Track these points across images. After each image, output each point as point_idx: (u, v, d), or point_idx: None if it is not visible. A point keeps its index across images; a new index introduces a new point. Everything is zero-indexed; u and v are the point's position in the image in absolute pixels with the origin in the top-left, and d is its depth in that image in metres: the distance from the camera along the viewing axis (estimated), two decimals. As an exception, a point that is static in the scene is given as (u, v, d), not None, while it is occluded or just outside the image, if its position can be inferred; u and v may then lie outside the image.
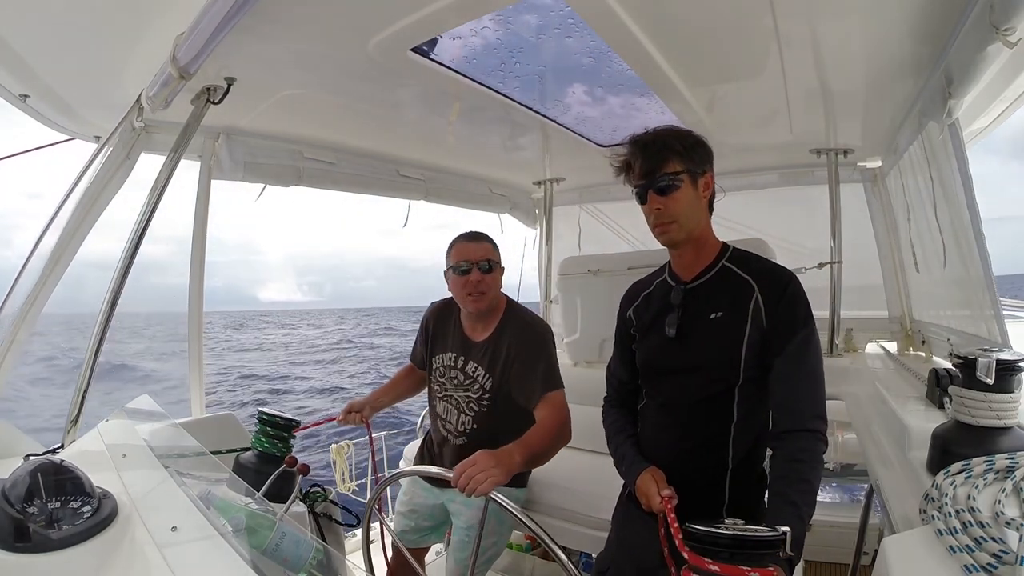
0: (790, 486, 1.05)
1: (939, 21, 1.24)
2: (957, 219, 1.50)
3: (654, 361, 1.32)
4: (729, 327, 1.19)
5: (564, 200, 3.33)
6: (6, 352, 1.57)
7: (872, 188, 2.56)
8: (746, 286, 1.20)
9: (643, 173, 1.21)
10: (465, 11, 1.26)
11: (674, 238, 1.23)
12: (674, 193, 1.19)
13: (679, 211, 1.20)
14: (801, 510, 1.02)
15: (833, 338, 2.38)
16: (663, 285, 1.35)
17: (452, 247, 1.76)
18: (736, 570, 0.75)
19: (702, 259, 1.28)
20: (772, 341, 1.15)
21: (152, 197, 1.61)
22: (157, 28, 1.28)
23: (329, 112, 1.99)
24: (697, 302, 1.26)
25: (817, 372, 1.15)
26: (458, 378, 1.78)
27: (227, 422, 1.90)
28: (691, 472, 1.21)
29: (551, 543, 1.08)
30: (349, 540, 2.32)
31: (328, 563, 1.06)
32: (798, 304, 1.16)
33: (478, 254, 1.70)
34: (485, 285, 1.70)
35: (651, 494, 1.17)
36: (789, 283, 1.18)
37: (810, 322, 1.16)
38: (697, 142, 1.23)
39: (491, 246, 1.76)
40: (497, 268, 1.75)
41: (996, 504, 0.74)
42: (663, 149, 1.20)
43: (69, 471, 0.89)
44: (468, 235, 1.77)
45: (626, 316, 1.42)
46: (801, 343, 1.14)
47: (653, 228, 1.25)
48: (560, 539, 1.73)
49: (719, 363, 1.20)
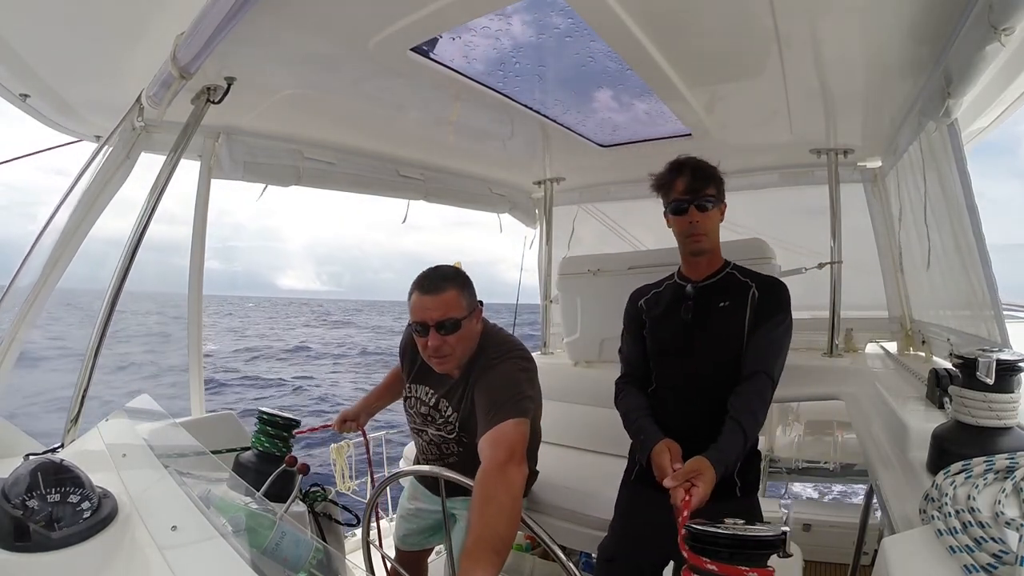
0: (739, 414, 1.33)
1: (938, 21, 1.24)
2: (957, 219, 1.50)
3: (667, 343, 1.55)
4: (733, 313, 1.47)
5: (564, 200, 3.33)
6: (6, 351, 1.57)
7: (872, 188, 2.56)
8: (746, 285, 1.50)
9: (688, 190, 1.47)
10: (465, 11, 1.26)
11: (703, 247, 1.51)
12: (709, 212, 1.48)
13: (710, 227, 1.50)
14: (745, 431, 1.30)
15: (833, 338, 2.38)
16: (673, 285, 1.61)
17: (409, 296, 1.47)
18: (734, 570, 0.75)
19: (712, 266, 1.56)
20: (756, 320, 1.45)
21: (152, 197, 1.61)
22: (157, 28, 1.28)
23: (329, 112, 1.99)
24: (707, 295, 1.52)
25: (781, 345, 1.43)
26: (431, 416, 1.62)
27: (227, 422, 1.90)
28: (702, 441, 1.31)
29: (551, 543, 1.08)
30: (349, 540, 2.32)
31: (328, 563, 1.07)
32: (781, 299, 1.47)
33: (436, 312, 1.40)
34: (448, 347, 1.43)
35: (664, 465, 1.29)
36: (779, 285, 1.50)
37: (786, 314, 1.46)
38: (721, 176, 1.53)
39: (455, 294, 1.43)
40: (466, 323, 1.45)
41: (996, 504, 0.74)
42: (707, 175, 1.49)
43: (69, 470, 0.89)
44: (424, 284, 1.44)
45: (637, 306, 1.65)
46: (775, 324, 1.43)
47: (686, 237, 1.51)
48: (560, 539, 1.73)
49: (726, 340, 1.46)
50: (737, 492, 1.47)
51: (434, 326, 1.41)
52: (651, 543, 1.45)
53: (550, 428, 2.53)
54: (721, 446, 1.28)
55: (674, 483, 1.19)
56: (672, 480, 1.20)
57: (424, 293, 1.43)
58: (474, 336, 1.51)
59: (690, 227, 1.48)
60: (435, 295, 1.42)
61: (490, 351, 1.52)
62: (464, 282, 1.49)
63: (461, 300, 1.45)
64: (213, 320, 52.56)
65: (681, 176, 1.48)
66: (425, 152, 2.58)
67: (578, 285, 2.75)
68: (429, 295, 1.42)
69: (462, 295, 1.45)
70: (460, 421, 1.56)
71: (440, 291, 1.42)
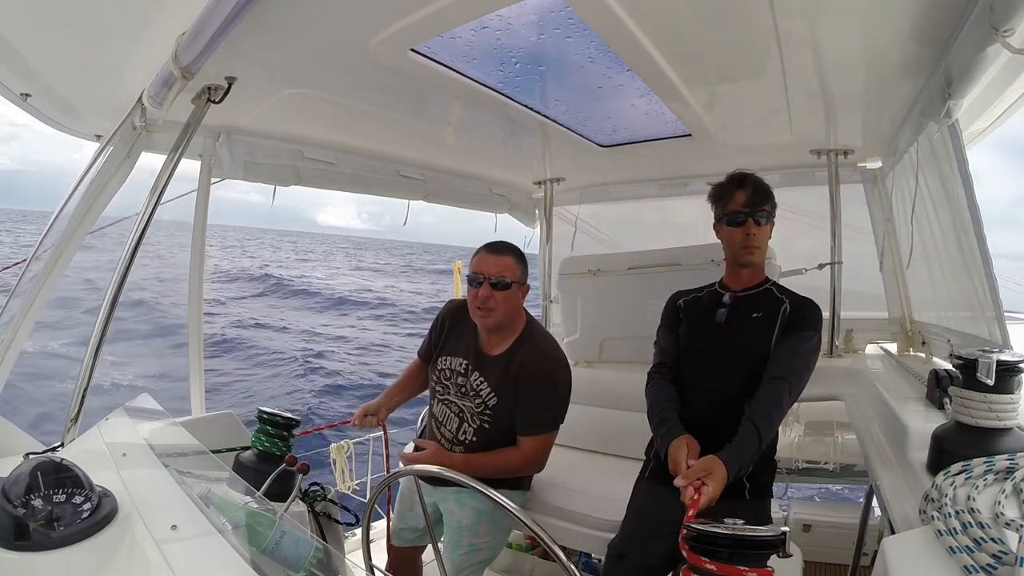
0: (755, 416, 1.36)
1: (939, 22, 1.24)
2: (958, 220, 1.50)
3: (698, 344, 1.62)
4: (764, 324, 1.53)
5: (564, 200, 3.33)
6: (6, 351, 1.57)
7: (872, 189, 2.56)
8: (780, 301, 1.56)
9: (748, 203, 1.54)
10: (465, 11, 1.26)
11: (755, 260, 1.58)
12: (765, 226, 1.55)
13: (763, 240, 1.57)
14: (760, 432, 1.33)
15: (833, 339, 2.38)
16: (713, 292, 1.68)
17: (475, 255, 1.72)
18: (733, 570, 0.76)
19: (753, 279, 1.63)
20: (784, 333, 1.49)
21: (152, 197, 1.61)
22: (158, 28, 1.28)
23: (329, 112, 1.99)
24: (743, 304, 1.59)
25: (806, 360, 1.46)
26: (464, 387, 1.75)
27: (227, 421, 1.90)
28: (720, 443, 1.33)
29: (551, 543, 1.08)
30: (349, 540, 2.32)
31: (328, 562, 1.07)
32: (812, 317, 1.52)
33: (494, 268, 1.65)
34: (494, 302, 1.64)
35: (680, 460, 1.32)
36: (811, 305, 1.55)
37: (815, 332, 1.50)
38: (775, 199, 1.60)
39: (513, 261, 1.69)
40: (515, 287, 1.68)
41: (996, 505, 0.74)
42: (766, 192, 1.56)
43: (69, 469, 0.89)
44: (491, 246, 1.72)
45: (676, 304, 1.73)
46: (802, 339, 1.47)
47: (741, 248, 1.56)
48: (560, 539, 1.73)
49: (753, 348, 1.51)
50: (747, 494, 1.47)
51: (489, 278, 1.65)
52: (662, 540, 1.45)
53: (550, 428, 2.54)
54: (735, 447, 1.30)
55: (684, 482, 1.20)
56: (683, 479, 1.21)
57: (489, 253, 1.70)
58: (516, 303, 1.72)
59: (746, 239, 1.54)
60: (497, 256, 1.68)
61: (539, 341, 1.74)
62: (522, 257, 1.74)
63: (516, 269, 1.70)
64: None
65: (742, 189, 1.55)
66: (425, 152, 2.58)
67: (578, 285, 2.75)
68: (493, 255, 1.69)
69: (517, 265, 1.71)
70: (494, 407, 1.70)
71: (502, 253, 1.69)
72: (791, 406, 1.43)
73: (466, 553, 1.74)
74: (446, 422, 1.79)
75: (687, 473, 1.23)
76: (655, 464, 1.60)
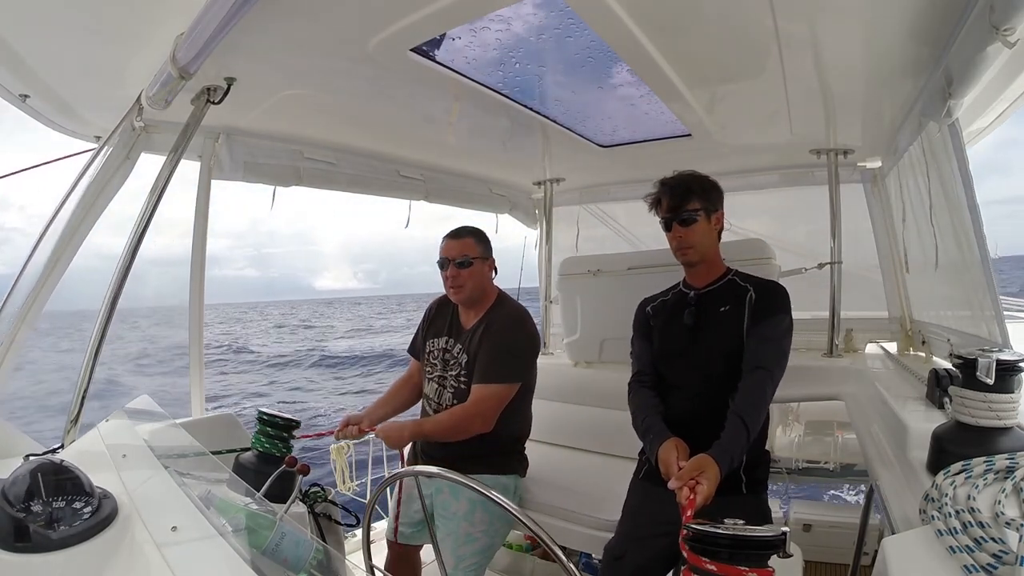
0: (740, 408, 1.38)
1: (939, 21, 1.24)
2: (958, 219, 1.50)
3: (671, 346, 1.63)
4: (733, 316, 1.54)
5: (564, 200, 3.33)
6: (6, 352, 1.56)
7: (872, 188, 2.56)
8: (745, 290, 1.57)
9: (669, 208, 1.57)
10: (465, 11, 1.26)
11: (691, 260, 1.60)
12: (693, 225, 1.55)
13: (695, 239, 1.56)
14: (747, 424, 1.34)
15: (833, 338, 2.38)
16: (679, 293, 1.70)
17: (441, 243, 1.90)
18: (733, 570, 0.75)
19: (712, 273, 1.63)
20: (753, 320, 1.51)
21: (152, 197, 1.61)
22: (157, 28, 1.28)
23: (329, 112, 1.99)
24: (709, 301, 1.60)
25: (779, 344, 1.47)
26: (447, 359, 1.92)
27: (227, 422, 1.90)
28: (708, 440, 1.34)
29: (550, 543, 1.08)
30: (349, 540, 2.32)
31: (328, 563, 1.06)
32: (778, 300, 1.53)
33: (456, 251, 1.85)
34: (461, 279, 1.84)
35: (670, 463, 1.33)
36: (776, 287, 1.57)
37: (785, 315, 1.50)
38: (712, 185, 1.60)
39: (472, 241, 1.87)
40: (478, 262, 1.86)
41: (996, 504, 0.74)
42: (686, 191, 1.56)
43: (69, 471, 0.88)
44: (452, 232, 1.91)
45: (645, 311, 1.75)
46: (772, 324, 1.48)
47: (675, 251, 1.60)
48: (560, 539, 1.73)
49: (726, 340, 1.52)
50: (743, 489, 1.48)
51: (453, 260, 1.84)
52: (659, 542, 1.46)
53: (549, 428, 2.54)
54: (723, 442, 1.31)
55: (678, 483, 1.20)
56: (676, 481, 1.22)
57: (451, 238, 1.89)
58: (483, 277, 1.90)
59: (677, 242, 1.58)
60: (458, 239, 1.87)
61: (507, 307, 1.90)
62: (481, 236, 1.92)
63: (476, 247, 1.88)
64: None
65: (665, 195, 1.59)
66: (425, 152, 2.58)
67: (578, 285, 2.75)
68: (454, 240, 1.88)
69: (477, 244, 1.89)
70: (466, 364, 1.84)
71: (462, 236, 1.88)
72: (775, 392, 1.44)
73: (464, 543, 1.77)
74: (433, 395, 1.92)
75: (680, 474, 1.23)
76: (648, 466, 1.60)
